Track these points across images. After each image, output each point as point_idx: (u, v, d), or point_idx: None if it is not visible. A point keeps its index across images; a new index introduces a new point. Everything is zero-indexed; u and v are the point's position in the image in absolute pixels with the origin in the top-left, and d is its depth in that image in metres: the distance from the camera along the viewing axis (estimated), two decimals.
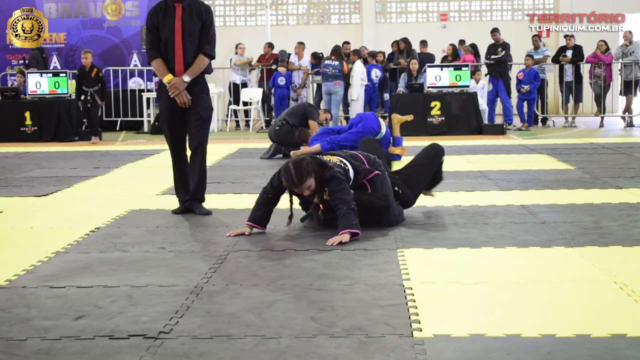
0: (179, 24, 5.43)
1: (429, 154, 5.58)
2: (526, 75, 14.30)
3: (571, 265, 4.02)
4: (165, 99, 5.53)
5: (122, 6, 16.22)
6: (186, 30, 5.43)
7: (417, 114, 12.80)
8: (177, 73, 5.43)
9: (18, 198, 6.62)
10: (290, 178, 4.68)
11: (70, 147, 11.83)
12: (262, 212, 4.93)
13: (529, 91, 14.24)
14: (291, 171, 4.67)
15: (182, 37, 5.42)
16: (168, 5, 5.49)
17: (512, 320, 3.10)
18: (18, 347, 2.86)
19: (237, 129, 15.69)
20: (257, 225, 4.92)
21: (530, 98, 14.38)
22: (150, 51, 5.51)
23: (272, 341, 2.89)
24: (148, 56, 5.56)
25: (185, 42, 5.43)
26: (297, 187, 4.72)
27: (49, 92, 13.56)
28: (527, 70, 14.30)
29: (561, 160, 8.74)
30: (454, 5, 20.61)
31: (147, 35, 5.55)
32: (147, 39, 5.54)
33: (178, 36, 5.42)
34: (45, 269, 4.06)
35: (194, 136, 5.55)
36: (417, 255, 4.27)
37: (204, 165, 5.64)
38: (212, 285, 3.70)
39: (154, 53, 5.49)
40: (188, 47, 5.44)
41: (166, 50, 5.46)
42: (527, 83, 14.25)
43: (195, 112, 5.52)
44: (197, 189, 5.63)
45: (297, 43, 15.53)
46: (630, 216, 5.32)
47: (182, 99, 5.41)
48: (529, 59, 14.33)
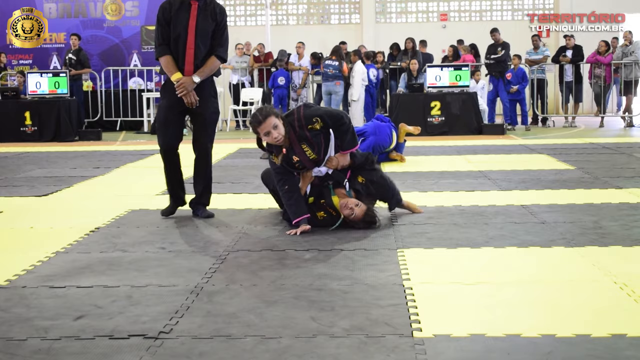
0: (193, 22, 5.23)
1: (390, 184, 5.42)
2: (514, 76, 14.30)
3: (571, 265, 4.02)
4: (168, 97, 5.34)
5: (122, 6, 16.22)
6: (200, 30, 5.24)
7: (417, 114, 12.84)
8: (187, 73, 5.25)
9: (18, 198, 6.62)
10: (256, 119, 4.76)
11: (70, 147, 11.83)
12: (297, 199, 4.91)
13: (517, 91, 14.25)
14: (255, 113, 4.79)
15: (194, 36, 5.23)
16: (183, 1, 5.27)
17: (512, 320, 3.10)
18: (18, 347, 2.86)
19: (237, 129, 15.69)
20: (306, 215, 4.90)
21: (520, 98, 14.39)
22: (160, 47, 5.28)
23: (272, 341, 2.89)
24: (157, 51, 5.30)
25: (197, 41, 5.24)
26: (261, 126, 4.71)
27: (49, 92, 13.57)
28: (515, 70, 14.31)
29: (561, 160, 8.74)
30: (454, 5, 20.62)
31: (156, 29, 5.31)
32: (157, 33, 5.30)
33: (191, 35, 5.22)
34: (45, 269, 4.06)
35: (200, 140, 5.41)
36: (417, 255, 4.27)
37: (210, 170, 5.51)
38: (212, 285, 3.70)
39: (164, 49, 5.27)
40: (200, 47, 5.26)
41: (176, 48, 5.26)
42: (516, 83, 14.26)
43: (202, 116, 5.38)
44: (203, 194, 5.51)
45: (298, 43, 15.54)
46: (630, 216, 5.32)
47: (190, 99, 5.25)
48: (516, 59, 14.35)
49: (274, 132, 4.73)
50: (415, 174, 7.56)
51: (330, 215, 5.01)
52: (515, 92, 14.30)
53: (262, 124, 4.73)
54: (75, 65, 14.63)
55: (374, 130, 8.62)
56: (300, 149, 4.87)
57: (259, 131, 4.78)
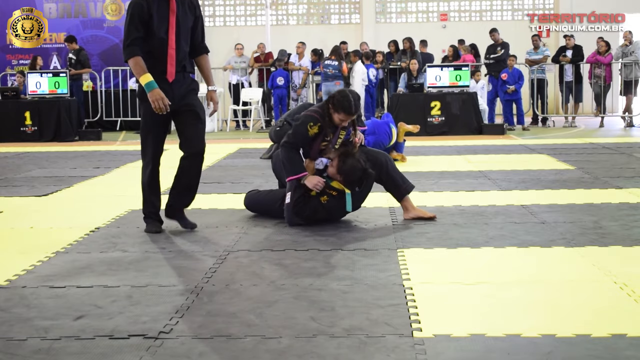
0: (173, 19, 4.74)
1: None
2: (510, 76, 14.31)
3: (571, 265, 4.02)
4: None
5: (122, 6, 16.23)
6: (181, 27, 4.79)
7: (417, 114, 12.83)
8: (169, 74, 4.76)
9: (18, 198, 6.62)
10: (354, 109, 5.04)
11: (70, 147, 11.83)
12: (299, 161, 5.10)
13: (514, 91, 14.25)
14: (356, 103, 5.06)
15: (175, 34, 4.76)
16: None
17: (512, 320, 3.10)
18: (18, 347, 2.86)
19: (237, 129, 15.69)
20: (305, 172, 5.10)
21: (517, 98, 14.39)
22: (130, 47, 4.68)
23: (272, 341, 2.89)
24: (127, 52, 4.68)
25: (179, 40, 4.78)
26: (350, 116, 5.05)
27: (49, 92, 13.57)
28: (511, 70, 14.31)
29: (561, 160, 8.74)
30: (454, 5, 20.60)
31: (128, 27, 4.69)
32: (128, 32, 4.69)
33: (172, 33, 4.74)
34: (45, 269, 4.06)
35: (193, 140, 4.87)
36: (417, 255, 4.27)
37: (199, 175, 5.00)
38: (212, 285, 3.70)
39: (135, 50, 4.68)
40: (182, 46, 4.80)
41: (156, 48, 4.74)
42: (513, 83, 14.27)
43: (192, 113, 4.88)
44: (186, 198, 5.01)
45: (299, 43, 15.53)
46: (630, 216, 5.32)
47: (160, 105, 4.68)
48: (512, 59, 14.34)
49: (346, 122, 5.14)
50: (415, 174, 7.56)
51: (332, 196, 5.03)
52: (513, 92, 14.28)
53: (352, 116, 5.09)
54: (75, 65, 14.63)
55: (373, 130, 8.62)
56: (338, 135, 5.21)
57: (345, 117, 5.05)
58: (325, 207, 5.03)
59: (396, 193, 5.33)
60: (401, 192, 5.32)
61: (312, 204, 5.03)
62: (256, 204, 5.51)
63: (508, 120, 14.38)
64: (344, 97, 5.04)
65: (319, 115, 5.14)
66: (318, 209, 5.03)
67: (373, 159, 5.19)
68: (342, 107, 5.02)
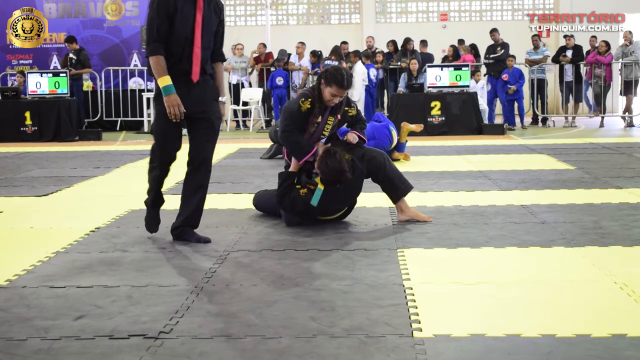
0: (199, 17, 4.46)
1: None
2: (511, 76, 14.31)
3: (571, 265, 4.02)
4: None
5: (122, 6, 16.22)
6: (206, 28, 4.51)
7: (417, 114, 12.83)
8: (194, 74, 4.49)
9: (18, 198, 6.62)
10: (347, 83, 4.97)
11: (70, 147, 11.83)
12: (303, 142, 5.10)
13: (516, 90, 14.26)
14: (348, 78, 4.98)
15: (201, 33, 4.48)
16: None
17: (512, 320, 3.10)
18: (18, 347, 2.86)
19: (237, 129, 15.69)
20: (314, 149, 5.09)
21: (519, 97, 14.40)
22: (155, 43, 4.41)
23: (272, 341, 2.89)
24: (150, 49, 4.42)
25: (204, 40, 4.50)
26: (343, 91, 5.00)
27: (49, 92, 13.57)
28: (511, 70, 14.31)
29: (561, 160, 8.74)
30: (454, 5, 20.61)
31: (152, 23, 4.42)
32: (153, 28, 4.41)
33: (198, 31, 4.46)
34: (45, 269, 4.06)
35: (201, 148, 4.61)
36: (417, 255, 4.27)
37: (206, 186, 4.69)
38: (212, 285, 3.70)
39: (159, 47, 4.42)
40: (205, 47, 4.53)
41: (175, 47, 4.45)
42: (514, 83, 14.27)
43: (208, 121, 4.61)
44: (194, 214, 4.67)
45: (298, 43, 15.53)
46: (630, 216, 5.32)
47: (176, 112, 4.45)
48: (511, 59, 14.34)
49: (338, 99, 5.07)
50: (415, 174, 7.56)
51: (309, 190, 5.04)
52: (514, 92, 14.29)
53: (344, 91, 5.03)
54: (76, 65, 14.63)
55: (372, 135, 8.60)
56: (326, 119, 5.15)
57: (337, 91, 4.99)
58: (303, 199, 5.02)
59: (393, 194, 5.28)
60: (398, 194, 5.26)
61: (292, 194, 5.04)
62: (263, 204, 5.54)
63: (509, 120, 14.38)
64: (336, 70, 5.02)
65: (308, 91, 5.17)
66: (297, 200, 5.03)
67: (371, 159, 5.18)
68: (334, 81, 4.97)
